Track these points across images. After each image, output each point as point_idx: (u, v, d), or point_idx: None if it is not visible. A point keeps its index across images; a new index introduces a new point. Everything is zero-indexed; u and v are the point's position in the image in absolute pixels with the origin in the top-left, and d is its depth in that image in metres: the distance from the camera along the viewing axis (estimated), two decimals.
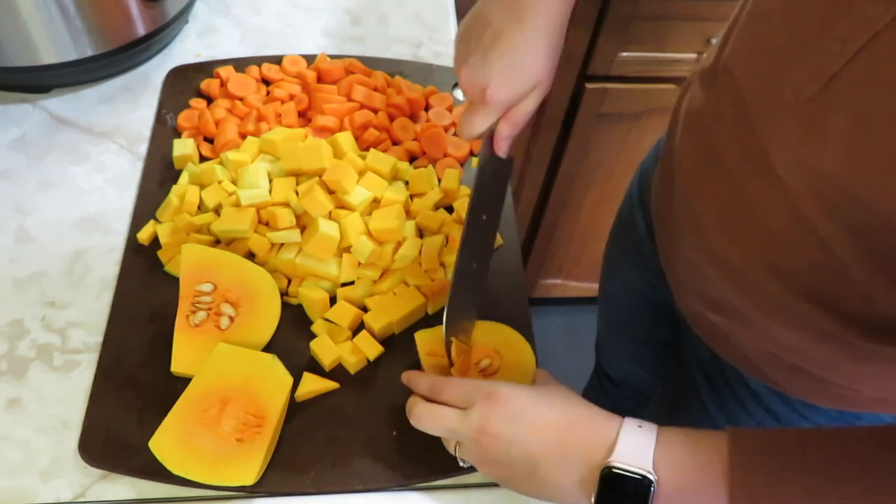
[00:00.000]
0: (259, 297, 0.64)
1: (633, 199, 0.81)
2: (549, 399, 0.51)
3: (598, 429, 0.48)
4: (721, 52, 0.56)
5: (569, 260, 1.53)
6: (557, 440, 0.48)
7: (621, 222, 0.87)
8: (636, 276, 0.83)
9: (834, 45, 0.40)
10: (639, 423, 0.48)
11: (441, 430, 0.53)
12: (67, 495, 0.55)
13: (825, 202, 0.44)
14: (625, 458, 0.45)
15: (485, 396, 0.50)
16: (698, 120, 0.57)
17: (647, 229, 0.77)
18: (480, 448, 0.50)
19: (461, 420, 0.51)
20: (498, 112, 0.58)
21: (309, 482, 0.56)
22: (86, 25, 0.75)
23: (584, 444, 0.47)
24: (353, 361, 0.61)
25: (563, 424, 0.49)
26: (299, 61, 0.83)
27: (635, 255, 0.81)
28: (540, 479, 0.48)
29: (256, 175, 0.68)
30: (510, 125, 0.58)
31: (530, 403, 0.50)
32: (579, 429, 0.48)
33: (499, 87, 0.56)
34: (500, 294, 0.68)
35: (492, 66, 0.55)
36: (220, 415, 0.56)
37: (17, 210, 0.71)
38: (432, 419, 0.52)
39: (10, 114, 0.79)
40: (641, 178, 0.80)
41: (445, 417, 0.52)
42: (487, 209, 0.61)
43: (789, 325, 0.53)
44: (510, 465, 0.49)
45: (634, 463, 0.45)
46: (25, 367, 0.61)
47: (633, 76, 1.12)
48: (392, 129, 0.76)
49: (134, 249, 0.68)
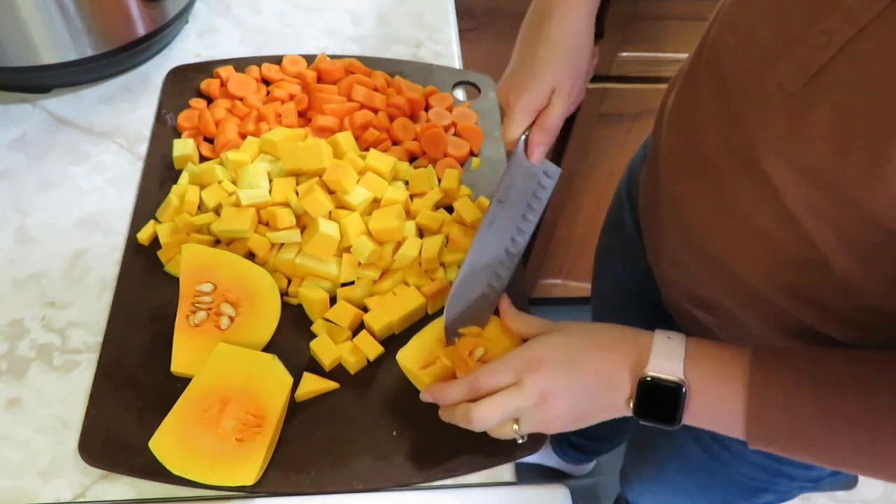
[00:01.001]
0: (259, 297, 0.64)
1: (622, 198, 0.81)
2: (576, 338, 0.53)
3: (630, 346, 0.51)
4: (705, 44, 0.56)
5: (569, 260, 1.53)
6: (603, 370, 0.51)
7: (610, 220, 0.87)
8: (625, 275, 0.83)
9: (820, 38, 0.41)
10: (668, 335, 0.51)
11: (507, 413, 0.52)
12: (67, 495, 0.56)
13: (808, 197, 0.44)
14: (658, 368, 0.49)
15: (528, 364, 0.52)
16: (683, 115, 0.57)
17: (634, 227, 0.77)
18: (547, 410, 0.51)
19: (520, 394, 0.51)
20: (524, 118, 0.59)
21: (309, 482, 0.56)
22: (86, 25, 0.75)
23: (623, 363, 0.51)
24: (353, 361, 0.61)
25: (602, 354, 0.52)
26: (299, 61, 0.83)
27: (624, 253, 0.81)
28: (600, 407, 0.52)
29: (256, 175, 0.68)
30: (539, 130, 0.59)
31: (568, 352, 0.52)
32: (616, 351, 0.51)
33: (517, 92, 0.58)
34: None
35: (513, 73, 0.59)
36: (220, 415, 0.56)
37: (17, 210, 0.71)
38: (494, 408, 0.52)
39: (10, 114, 0.79)
40: (630, 176, 0.80)
41: (506, 403, 0.51)
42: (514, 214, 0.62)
43: (771, 320, 0.54)
44: (575, 408, 0.52)
45: (667, 371, 0.48)
46: (25, 367, 0.61)
47: (633, 76, 1.11)
48: (392, 129, 0.76)
49: (134, 249, 0.68)
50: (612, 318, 0.94)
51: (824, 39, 0.40)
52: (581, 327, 0.54)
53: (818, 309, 0.50)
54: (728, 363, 0.48)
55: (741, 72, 0.48)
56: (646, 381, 0.49)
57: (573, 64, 0.58)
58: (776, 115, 0.44)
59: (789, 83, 0.43)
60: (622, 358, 0.51)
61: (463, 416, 0.53)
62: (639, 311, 0.86)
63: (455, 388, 0.54)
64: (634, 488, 0.98)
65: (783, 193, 0.46)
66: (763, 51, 0.46)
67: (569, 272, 1.58)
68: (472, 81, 0.85)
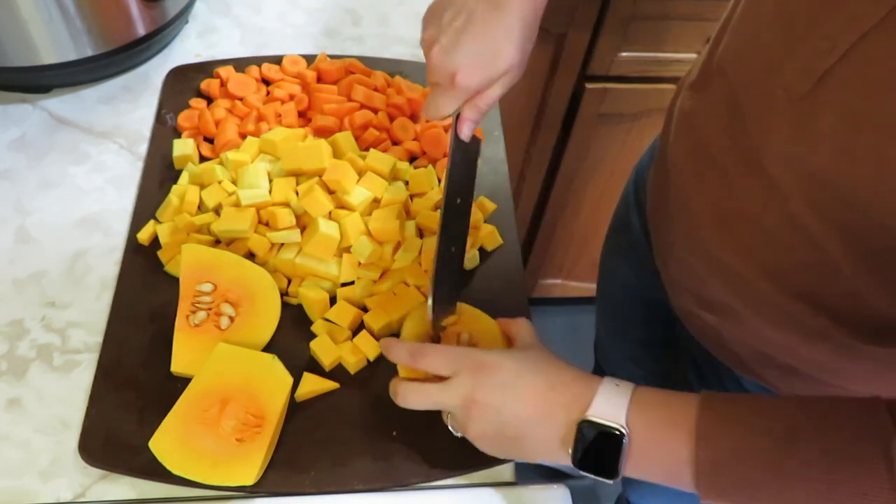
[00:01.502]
0: (259, 297, 0.64)
1: (629, 199, 0.81)
2: (532, 364, 0.51)
3: (578, 388, 0.49)
4: (714, 50, 0.56)
5: (569, 260, 1.53)
6: (542, 403, 0.49)
7: (617, 222, 0.87)
8: (632, 276, 0.83)
9: (823, 43, 0.41)
10: (616, 383, 0.49)
11: (428, 405, 0.52)
12: (67, 495, 0.56)
13: (815, 201, 0.44)
14: (600, 413, 0.47)
15: (472, 366, 0.51)
16: (691, 119, 0.57)
17: (642, 229, 0.77)
18: (470, 416, 0.50)
19: (448, 392, 0.51)
20: (464, 97, 0.57)
21: (309, 482, 0.56)
22: (86, 25, 0.75)
23: (566, 403, 0.49)
24: (353, 361, 0.61)
25: (547, 387, 0.50)
26: (299, 61, 0.83)
27: (631, 254, 0.81)
28: (527, 441, 0.49)
29: (256, 175, 0.68)
30: (475, 110, 0.58)
31: (516, 372, 0.50)
32: (561, 390, 0.49)
33: (469, 72, 0.54)
34: (500, 294, 0.68)
35: (463, 50, 0.54)
36: (220, 415, 0.56)
37: (17, 210, 0.71)
38: (418, 396, 0.52)
39: (10, 114, 0.79)
40: (637, 178, 0.80)
41: (430, 393, 0.51)
42: (461, 193, 0.61)
43: (780, 324, 0.54)
44: (499, 430, 0.50)
45: (608, 417, 0.46)
46: (25, 367, 0.61)
47: (633, 76, 1.11)
48: (392, 129, 0.76)
49: (134, 249, 0.68)
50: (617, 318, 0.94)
51: (828, 45, 0.40)
52: (540, 357, 0.52)
53: (827, 314, 0.49)
54: (675, 409, 0.46)
55: (748, 76, 0.48)
56: (584, 424, 0.47)
57: (527, 48, 0.56)
58: (782, 119, 0.44)
59: (795, 87, 0.43)
60: (564, 396, 0.49)
61: (391, 389, 0.54)
62: (645, 312, 0.86)
63: (400, 348, 0.54)
64: (636, 490, 0.98)
65: (789, 197, 0.46)
66: (769, 55, 0.46)
67: (569, 272, 1.58)
68: None
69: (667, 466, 0.46)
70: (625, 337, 0.95)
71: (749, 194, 0.49)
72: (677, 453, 0.45)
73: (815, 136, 0.42)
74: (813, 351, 0.53)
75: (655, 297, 0.75)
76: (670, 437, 0.45)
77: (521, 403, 0.49)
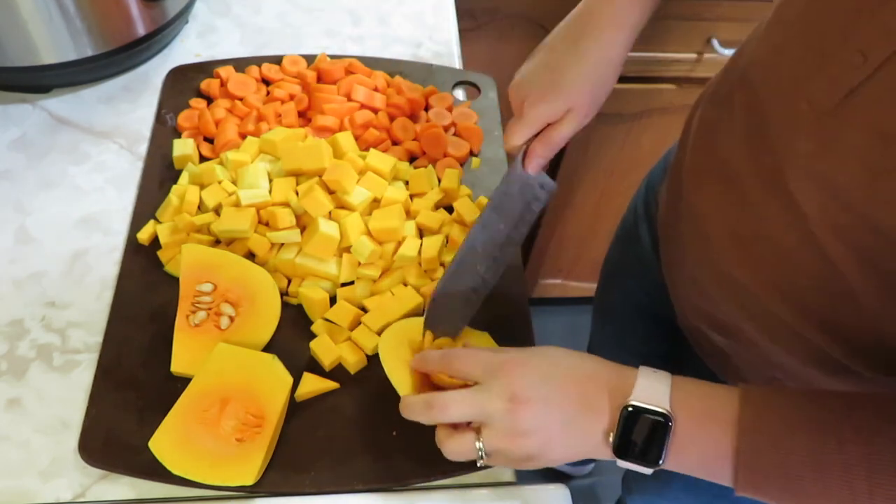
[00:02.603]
0: (259, 297, 0.64)
1: (638, 212, 0.80)
2: (560, 357, 0.49)
3: (615, 376, 0.48)
4: (737, 62, 0.54)
5: (569, 260, 1.53)
6: (583, 392, 0.47)
7: (624, 233, 0.85)
8: (637, 289, 0.82)
9: (855, 57, 0.39)
10: (653, 370, 0.47)
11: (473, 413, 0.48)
12: (67, 495, 0.55)
13: (836, 222, 0.43)
14: (644, 398, 0.45)
15: (500, 366, 0.48)
16: (711, 135, 0.56)
17: (651, 243, 0.75)
18: (514, 419, 0.46)
19: (489, 395, 0.47)
20: (532, 126, 0.58)
21: (309, 482, 0.56)
22: (86, 25, 0.75)
23: (608, 391, 0.47)
24: (353, 361, 0.61)
25: (585, 377, 0.48)
26: (299, 61, 0.83)
27: (638, 268, 0.80)
28: (575, 433, 0.47)
29: (256, 175, 0.68)
30: (543, 144, 0.58)
31: (550, 363, 0.49)
32: (601, 378, 0.48)
33: (534, 101, 0.57)
34: (500, 294, 0.68)
35: (534, 80, 0.57)
36: (220, 415, 0.56)
37: (17, 210, 0.71)
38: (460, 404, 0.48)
39: (10, 114, 0.79)
40: (648, 190, 0.79)
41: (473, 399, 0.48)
42: (508, 222, 0.61)
43: (795, 351, 0.52)
44: (549, 425, 0.47)
45: (653, 402, 0.45)
46: (25, 367, 0.61)
47: (633, 76, 1.11)
48: (392, 129, 0.76)
49: (134, 249, 0.68)
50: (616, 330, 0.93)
51: (859, 59, 0.39)
52: (562, 351, 0.50)
53: (843, 341, 0.48)
54: (717, 400, 0.45)
55: (773, 89, 0.47)
56: (629, 411, 0.45)
57: (597, 91, 0.57)
58: (806, 135, 0.43)
59: (821, 101, 0.42)
60: (603, 384, 0.47)
61: (423, 403, 0.49)
62: (647, 326, 0.84)
63: (432, 356, 0.53)
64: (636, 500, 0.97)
65: (809, 217, 0.44)
66: (796, 68, 0.45)
67: (569, 272, 1.58)
68: (472, 81, 0.85)
69: (705, 456, 0.45)
70: (622, 349, 0.94)
71: (768, 214, 0.48)
72: (718, 444, 0.44)
73: (841, 153, 0.41)
74: (828, 381, 0.52)
75: (660, 312, 0.74)
76: (712, 427, 0.44)
77: (564, 392, 0.47)
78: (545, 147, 0.58)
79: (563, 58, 0.56)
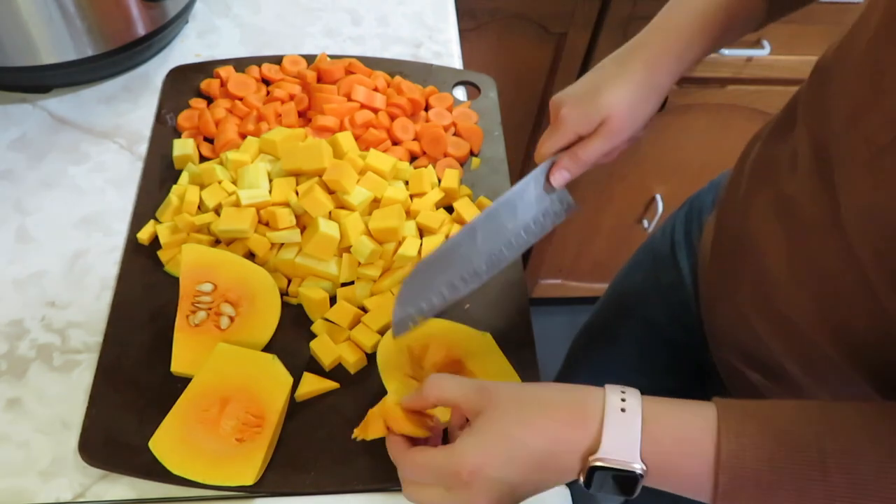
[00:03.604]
0: (259, 297, 0.64)
1: (677, 239, 0.77)
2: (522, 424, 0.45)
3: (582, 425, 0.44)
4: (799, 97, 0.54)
5: (569, 260, 1.53)
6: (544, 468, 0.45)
7: (656, 260, 0.81)
8: (662, 316, 0.79)
9: None
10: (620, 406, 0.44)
11: None
12: (67, 495, 0.55)
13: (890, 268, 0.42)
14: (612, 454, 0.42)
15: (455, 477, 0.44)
16: (773, 171, 0.55)
17: (691, 272, 0.73)
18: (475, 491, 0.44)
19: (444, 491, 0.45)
20: (564, 135, 0.57)
21: (309, 482, 0.56)
22: (86, 25, 0.75)
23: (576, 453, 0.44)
24: (353, 361, 0.61)
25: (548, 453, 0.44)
26: (299, 61, 0.83)
27: (668, 296, 0.77)
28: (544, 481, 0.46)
29: (256, 175, 0.68)
30: (570, 157, 0.58)
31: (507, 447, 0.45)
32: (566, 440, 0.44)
33: (569, 109, 0.56)
34: (500, 294, 0.68)
35: (575, 91, 0.57)
36: (220, 415, 0.56)
37: (17, 210, 0.71)
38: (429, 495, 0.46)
39: (10, 114, 0.79)
40: (689, 220, 0.76)
41: None
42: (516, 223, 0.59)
43: (840, 392, 0.51)
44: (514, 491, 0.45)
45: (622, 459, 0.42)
46: (25, 367, 0.61)
47: None
48: (392, 129, 0.76)
49: (134, 249, 0.68)
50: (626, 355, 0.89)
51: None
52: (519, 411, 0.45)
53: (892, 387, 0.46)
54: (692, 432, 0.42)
55: (832, 126, 0.47)
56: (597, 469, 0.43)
57: (635, 111, 0.56)
58: (864, 172, 0.42)
59: (878, 137, 0.41)
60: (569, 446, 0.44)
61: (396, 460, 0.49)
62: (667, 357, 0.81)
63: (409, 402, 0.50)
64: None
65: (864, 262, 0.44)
66: (854, 105, 0.44)
67: (569, 272, 1.58)
68: (472, 81, 0.85)
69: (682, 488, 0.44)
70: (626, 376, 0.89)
71: (826, 252, 0.47)
72: (695, 479, 0.42)
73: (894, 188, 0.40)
74: None
75: (688, 342, 0.71)
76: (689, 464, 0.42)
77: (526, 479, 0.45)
78: (572, 160, 0.58)
79: (608, 74, 0.57)
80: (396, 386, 0.59)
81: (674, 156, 1.30)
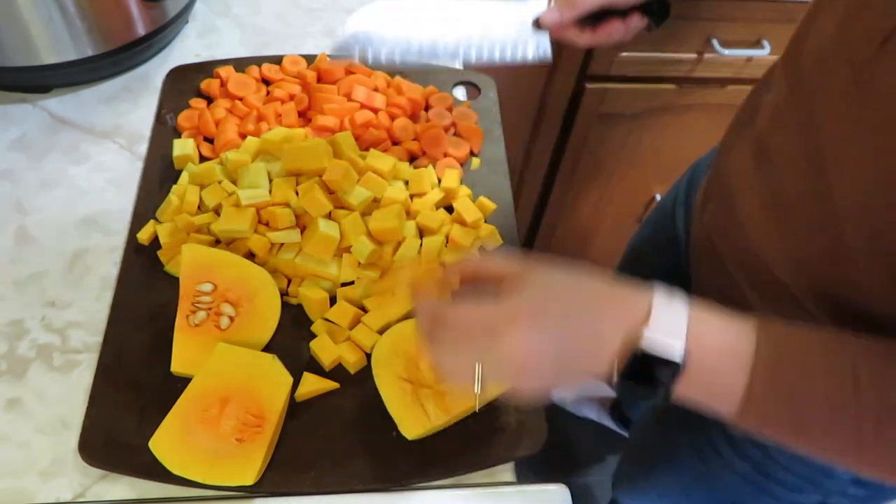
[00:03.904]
0: (259, 297, 0.64)
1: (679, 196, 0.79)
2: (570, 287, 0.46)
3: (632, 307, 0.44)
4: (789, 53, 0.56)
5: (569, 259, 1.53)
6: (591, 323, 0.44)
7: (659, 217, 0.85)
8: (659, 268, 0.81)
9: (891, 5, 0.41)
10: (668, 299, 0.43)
11: None
12: (67, 495, 0.56)
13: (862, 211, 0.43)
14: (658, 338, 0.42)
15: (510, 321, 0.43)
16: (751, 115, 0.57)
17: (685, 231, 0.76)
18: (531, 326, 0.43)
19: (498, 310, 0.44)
20: None
21: (309, 482, 0.56)
22: (86, 25, 0.75)
23: (621, 321, 0.43)
24: (353, 361, 0.61)
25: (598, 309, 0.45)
26: (299, 61, 0.83)
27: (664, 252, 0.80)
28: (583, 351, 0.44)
29: (256, 175, 0.68)
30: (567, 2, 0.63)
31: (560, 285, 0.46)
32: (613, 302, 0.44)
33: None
34: None
35: None
36: (220, 415, 0.56)
37: (17, 210, 0.71)
38: None
39: (10, 114, 0.79)
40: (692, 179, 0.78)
41: None
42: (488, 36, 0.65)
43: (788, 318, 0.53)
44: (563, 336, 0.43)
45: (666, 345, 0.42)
46: (25, 367, 0.61)
47: (634, 76, 1.11)
48: (392, 129, 0.76)
49: (134, 249, 0.68)
50: None
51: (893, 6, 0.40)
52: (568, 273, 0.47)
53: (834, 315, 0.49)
54: (733, 334, 0.43)
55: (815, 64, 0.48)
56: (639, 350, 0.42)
57: None
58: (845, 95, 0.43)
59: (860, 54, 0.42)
60: (616, 312, 0.44)
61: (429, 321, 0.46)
62: None
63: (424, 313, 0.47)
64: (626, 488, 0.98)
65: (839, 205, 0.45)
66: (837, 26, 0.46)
67: None
68: (472, 81, 0.85)
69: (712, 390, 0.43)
70: None
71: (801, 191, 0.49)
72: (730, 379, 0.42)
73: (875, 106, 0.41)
74: None
75: None
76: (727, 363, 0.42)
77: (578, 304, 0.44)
78: (567, 4, 0.63)
79: None
80: (390, 388, 0.59)
81: (674, 156, 1.29)
